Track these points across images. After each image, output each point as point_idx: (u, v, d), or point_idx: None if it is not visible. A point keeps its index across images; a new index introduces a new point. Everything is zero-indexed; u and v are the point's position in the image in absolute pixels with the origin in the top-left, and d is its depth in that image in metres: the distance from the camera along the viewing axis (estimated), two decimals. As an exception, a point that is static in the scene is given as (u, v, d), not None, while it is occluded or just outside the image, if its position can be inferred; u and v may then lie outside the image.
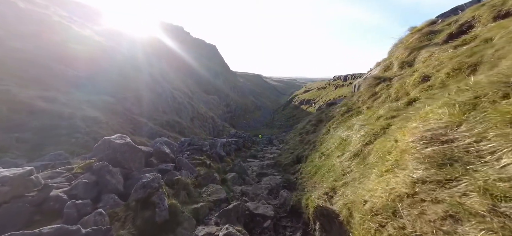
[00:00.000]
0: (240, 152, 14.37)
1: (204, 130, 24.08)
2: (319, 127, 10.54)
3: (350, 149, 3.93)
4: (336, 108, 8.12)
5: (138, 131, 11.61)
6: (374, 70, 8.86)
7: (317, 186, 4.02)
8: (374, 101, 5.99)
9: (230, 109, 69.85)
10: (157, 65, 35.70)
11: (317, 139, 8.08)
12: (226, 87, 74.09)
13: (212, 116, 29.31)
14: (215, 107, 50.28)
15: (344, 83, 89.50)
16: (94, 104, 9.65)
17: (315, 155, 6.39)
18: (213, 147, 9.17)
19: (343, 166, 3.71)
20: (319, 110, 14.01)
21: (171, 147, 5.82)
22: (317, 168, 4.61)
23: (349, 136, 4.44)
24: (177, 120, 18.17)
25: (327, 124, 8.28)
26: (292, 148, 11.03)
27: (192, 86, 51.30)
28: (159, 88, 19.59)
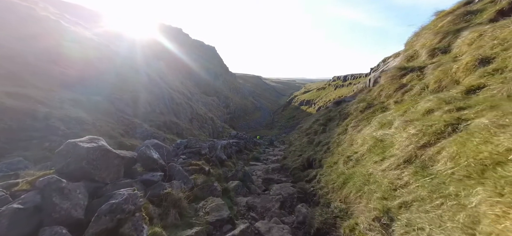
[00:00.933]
0: (242, 154, 13.32)
1: (203, 131, 23.01)
2: (330, 126, 9.52)
3: (396, 153, 2.89)
4: (352, 105, 7.10)
5: (131, 133, 10.56)
6: (392, 62, 7.86)
7: (352, 202, 2.98)
8: (403, 94, 4.97)
9: (230, 110, 68.83)
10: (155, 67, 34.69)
11: (331, 140, 7.05)
12: (226, 89, 73.11)
13: (211, 117, 28.25)
14: (215, 108, 49.25)
15: (344, 84, 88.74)
16: (80, 103, 8.61)
17: (334, 159, 5.36)
18: (213, 150, 8.12)
19: (390, 177, 2.67)
20: (326, 109, 12.99)
21: (161, 150, 4.77)
22: (345, 177, 3.57)
23: (387, 135, 3.41)
24: (175, 121, 17.10)
25: (341, 122, 7.26)
26: (299, 149, 9.99)
27: (191, 87, 50.28)
28: (156, 89, 18.54)
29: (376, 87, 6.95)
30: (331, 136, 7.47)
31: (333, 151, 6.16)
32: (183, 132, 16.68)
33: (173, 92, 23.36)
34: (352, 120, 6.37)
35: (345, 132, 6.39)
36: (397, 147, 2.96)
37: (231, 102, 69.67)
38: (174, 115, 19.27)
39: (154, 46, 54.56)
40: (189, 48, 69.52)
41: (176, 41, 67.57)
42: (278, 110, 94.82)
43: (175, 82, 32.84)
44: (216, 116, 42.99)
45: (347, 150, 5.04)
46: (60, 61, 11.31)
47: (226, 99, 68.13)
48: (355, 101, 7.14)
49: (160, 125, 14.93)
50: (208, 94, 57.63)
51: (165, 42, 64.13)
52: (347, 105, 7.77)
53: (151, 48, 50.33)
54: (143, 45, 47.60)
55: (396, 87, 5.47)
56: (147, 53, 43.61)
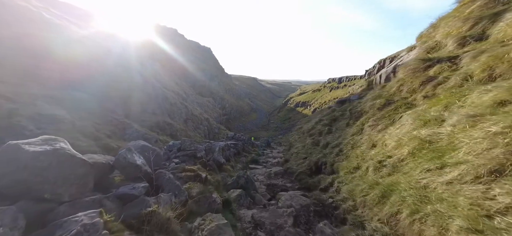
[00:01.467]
0: (240, 156, 12.41)
1: (198, 132, 21.96)
2: (336, 126, 8.76)
3: (467, 159, 2.09)
4: (366, 103, 6.34)
5: (120, 134, 9.50)
6: (406, 56, 7.16)
7: (405, 229, 2.14)
8: (435, 87, 4.21)
9: (226, 111, 67.75)
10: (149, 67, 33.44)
11: (343, 141, 6.25)
12: (222, 90, 72.06)
13: (207, 118, 27.21)
14: (210, 109, 48.12)
15: (339, 86, 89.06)
16: (60, 101, 7.53)
17: (352, 163, 4.56)
18: (210, 152, 7.20)
19: (468, 194, 1.86)
20: (329, 109, 12.26)
21: (147, 154, 3.85)
22: (382, 189, 2.75)
23: (439, 135, 2.61)
24: (169, 122, 16.03)
25: (354, 122, 6.49)
26: (303, 152, 9.18)
27: (187, 88, 49.04)
28: (149, 89, 17.42)
29: (392, 83, 6.21)
30: (342, 136, 6.68)
31: (348, 154, 5.36)
32: (177, 133, 15.62)
33: (168, 92, 22.24)
34: (369, 118, 5.59)
35: (360, 132, 5.60)
36: (466, 151, 2.15)
37: (227, 103, 68.67)
38: (168, 116, 18.18)
39: (149, 46, 53.20)
40: (185, 49, 68.25)
41: (171, 42, 66.24)
42: (274, 112, 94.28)
43: (170, 83, 31.68)
44: (212, 118, 41.92)
45: (370, 153, 4.25)
46: (39, 55, 10.16)
47: (222, 100, 67.07)
48: (369, 98, 6.37)
49: (153, 125, 13.85)
50: (203, 95, 56.47)
51: (160, 42, 62.73)
52: (358, 103, 7.01)
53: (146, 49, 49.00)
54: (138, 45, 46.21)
55: (422, 80, 4.72)
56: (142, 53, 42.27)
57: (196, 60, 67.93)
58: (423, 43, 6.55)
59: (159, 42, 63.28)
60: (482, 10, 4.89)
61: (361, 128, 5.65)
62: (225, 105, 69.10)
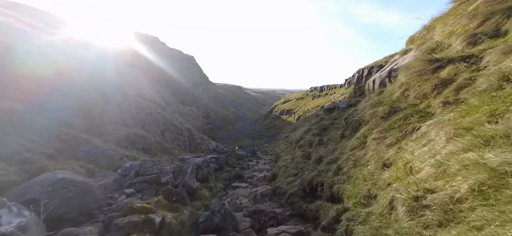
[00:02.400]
0: (222, 172, 10.96)
1: (177, 144, 20.03)
2: (328, 136, 7.82)
3: None
4: (365, 110, 5.43)
5: (69, 153, 7.61)
6: (401, 60, 6.49)
7: None
8: (457, 91, 3.35)
9: (210, 120, 65.46)
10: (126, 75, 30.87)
11: (341, 156, 5.23)
12: (206, 98, 69.93)
13: (188, 128, 25.28)
14: (193, 118, 45.83)
15: (320, 94, 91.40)
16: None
17: (361, 190, 3.50)
18: (180, 175, 5.76)
19: None
20: (318, 117, 11.42)
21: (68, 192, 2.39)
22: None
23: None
24: (142, 134, 14.09)
25: (353, 133, 5.53)
26: (293, 166, 8.05)
27: (168, 97, 46.45)
28: (119, 98, 15.38)
29: (391, 88, 5.39)
30: (339, 150, 5.68)
31: (350, 174, 4.31)
32: (151, 147, 13.73)
33: (144, 101, 20.16)
34: (371, 129, 4.64)
35: (363, 146, 4.61)
36: None
37: (211, 112, 66.52)
38: (142, 127, 16.17)
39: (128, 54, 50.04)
40: (167, 57, 65.55)
41: (152, 50, 63.28)
42: (260, 120, 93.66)
43: (149, 91, 29.35)
44: (195, 127, 39.74)
45: (383, 176, 3.21)
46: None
47: (206, 109, 64.84)
48: (367, 106, 5.48)
49: (121, 139, 11.90)
50: (186, 104, 53.98)
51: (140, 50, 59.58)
52: (353, 111, 6.11)
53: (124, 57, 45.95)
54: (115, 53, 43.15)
55: (435, 84, 3.87)
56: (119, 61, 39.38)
57: (178, 68, 65.42)
58: (419, 45, 5.90)
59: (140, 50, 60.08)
60: (490, 6, 4.26)
61: (363, 140, 4.66)
62: (209, 113, 66.90)
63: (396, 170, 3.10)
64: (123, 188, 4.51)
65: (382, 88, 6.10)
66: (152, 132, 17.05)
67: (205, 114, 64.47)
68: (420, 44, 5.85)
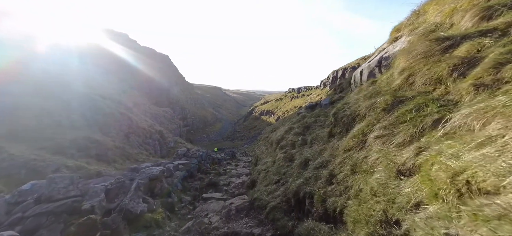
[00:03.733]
0: (193, 180, 9.36)
1: (145, 148, 17.63)
2: (313, 135, 6.84)
3: None
4: (358, 103, 4.48)
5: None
6: (392, 48, 5.78)
7: None
8: (495, 70, 2.48)
9: (187, 122, 61.95)
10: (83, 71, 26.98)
11: (334, 159, 4.20)
12: (182, 99, 66.09)
13: (159, 131, 22.77)
14: (168, 120, 42.53)
15: (298, 95, 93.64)
16: None
17: (374, 209, 2.42)
18: (120, 194, 4.15)
19: None
20: (299, 115, 10.51)
21: None
22: None
23: None
24: (96, 139, 11.69)
25: (346, 131, 4.55)
26: (274, 171, 6.89)
27: (138, 97, 42.41)
28: (67, 95, 12.66)
29: (388, 76, 4.54)
30: (329, 151, 4.65)
31: (350, 184, 3.27)
32: (107, 153, 11.44)
33: (103, 100, 17.32)
34: (371, 125, 3.67)
35: (362, 146, 3.61)
36: None
37: (188, 113, 63.05)
38: (99, 129, 13.62)
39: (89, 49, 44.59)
40: (138, 55, 60.27)
41: (121, 47, 57.63)
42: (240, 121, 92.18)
43: (111, 91, 25.94)
44: (169, 130, 36.71)
45: (405, 190, 2.17)
46: None
47: (182, 110, 61.19)
48: (361, 97, 4.56)
49: (63, 145, 9.51)
50: (160, 105, 50.07)
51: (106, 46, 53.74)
52: (344, 105, 5.16)
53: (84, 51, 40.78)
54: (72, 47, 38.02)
55: (453, 64, 3.02)
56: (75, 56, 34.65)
57: (151, 67, 60.62)
58: (412, 30, 5.20)
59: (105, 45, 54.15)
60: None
61: (362, 139, 3.66)
62: (186, 115, 63.32)
63: (427, 182, 2.07)
64: (2, 226, 2.77)
65: (373, 79, 5.28)
66: (112, 135, 14.55)
67: (181, 116, 60.81)
68: (413, 29, 5.15)
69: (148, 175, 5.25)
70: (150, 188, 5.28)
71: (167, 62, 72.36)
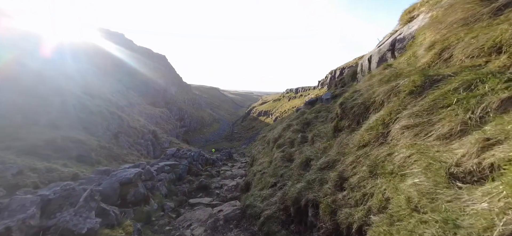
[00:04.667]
0: (182, 183, 8.41)
1: (137, 149, 16.61)
2: (313, 132, 5.96)
3: None
4: (374, 88, 3.59)
5: None
6: (406, 29, 4.93)
7: None
8: None
9: (184, 123, 60.83)
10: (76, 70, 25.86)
11: (343, 158, 3.33)
12: (179, 100, 64.99)
13: (153, 131, 21.73)
14: (164, 121, 41.41)
15: (296, 95, 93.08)
16: None
17: (419, 232, 1.50)
18: (64, 206, 3.22)
19: None
20: (298, 112, 9.64)
21: None
22: None
23: None
24: (78, 138, 10.67)
25: (357, 124, 3.68)
26: (270, 172, 5.98)
27: (134, 97, 41.25)
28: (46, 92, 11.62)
29: (410, 54, 3.68)
30: (336, 149, 3.77)
31: (369, 191, 2.38)
32: (91, 154, 10.43)
33: (91, 99, 16.27)
34: (393, 113, 2.79)
35: (383, 140, 2.74)
36: None
37: (185, 114, 61.96)
38: (84, 129, 12.59)
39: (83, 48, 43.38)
40: (134, 55, 59.06)
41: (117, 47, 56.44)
42: (238, 122, 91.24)
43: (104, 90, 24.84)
44: (164, 130, 35.63)
45: (480, 206, 1.26)
46: None
47: (179, 111, 60.09)
48: (375, 82, 3.68)
49: (38, 145, 8.50)
50: (156, 106, 48.94)
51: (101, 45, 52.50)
52: (353, 93, 4.26)
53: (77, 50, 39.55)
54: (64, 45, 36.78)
55: None
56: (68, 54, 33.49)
57: (148, 67, 59.44)
58: (434, 4, 4.33)
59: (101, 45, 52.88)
60: None
61: (382, 132, 2.79)
62: (183, 116, 62.20)
63: None
64: None
65: (387, 63, 4.42)
66: (99, 135, 13.52)
67: (178, 116, 59.70)
68: (435, 3, 4.28)
69: (119, 179, 4.33)
70: (122, 195, 4.36)
71: (164, 62, 71.22)
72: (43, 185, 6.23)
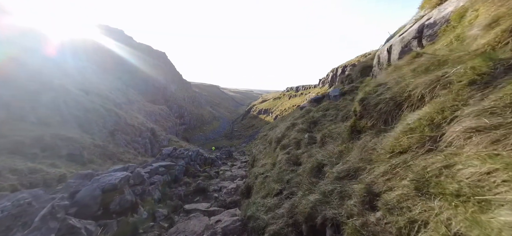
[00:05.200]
0: (178, 185, 7.73)
1: (134, 147, 15.93)
2: (322, 132, 5.27)
3: None
4: (406, 80, 2.88)
5: None
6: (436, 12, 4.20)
7: None
8: None
9: (184, 121, 60.20)
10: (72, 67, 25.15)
11: (372, 168, 2.60)
12: (179, 97, 64.28)
13: (151, 129, 21.04)
14: (163, 118, 40.74)
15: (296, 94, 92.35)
16: None
17: None
18: (18, 226, 2.53)
19: None
20: (303, 110, 8.93)
21: None
22: None
23: None
24: (69, 136, 9.98)
25: (385, 124, 2.98)
26: (275, 177, 5.29)
27: (134, 95, 40.56)
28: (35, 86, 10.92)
29: (452, 39, 2.96)
30: (358, 153, 3.07)
31: (417, 216, 1.64)
32: (83, 153, 9.74)
33: (86, 95, 15.55)
34: (446, 111, 2.09)
35: (433, 147, 2.03)
36: None
37: (185, 111, 61.31)
38: (78, 126, 11.90)
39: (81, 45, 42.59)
40: (134, 52, 58.19)
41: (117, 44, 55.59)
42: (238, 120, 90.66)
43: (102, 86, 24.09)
44: (164, 128, 34.96)
45: None
46: None
47: (179, 108, 59.46)
48: (407, 72, 2.98)
49: (23, 144, 7.82)
50: (156, 103, 48.26)
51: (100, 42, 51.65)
52: (376, 87, 3.54)
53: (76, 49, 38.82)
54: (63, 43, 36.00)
55: None
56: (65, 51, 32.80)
57: (147, 64, 58.65)
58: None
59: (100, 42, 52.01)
60: None
61: (430, 135, 2.09)
62: (183, 113, 61.57)
63: None
64: None
65: (417, 52, 3.72)
66: (94, 133, 12.82)
67: (178, 114, 59.07)
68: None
69: (101, 185, 3.65)
70: (104, 204, 3.69)
71: (164, 59, 70.38)
72: (23, 187, 5.57)
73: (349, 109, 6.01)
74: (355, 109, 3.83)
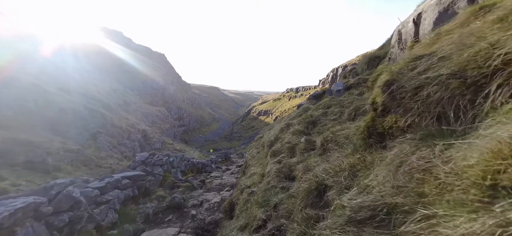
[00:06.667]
0: (149, 200, 6.33)
1: (120, 151, 14.56)
2: (322, 134, 3.84)
3: None
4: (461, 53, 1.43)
5: None
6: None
7: None
8: None
9: (183, 122, 58.90)
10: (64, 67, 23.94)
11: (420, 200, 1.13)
12: (178, 99, 63.03)
13: (143, 130, 19.69)
14: (161, 120, 39.45)
15: (296, 95, 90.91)
16: None
17: None
18: None
19: None
20: (301, 109, 7.51)
21: None
22: None
23: None
24: (30, 140, 8.63)
25: (442, 124, 1.49)
26: (260, 196, 3.84)
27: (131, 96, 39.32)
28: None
29: None
30: (388, 173, 1.64)
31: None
32: (47, 159, 8.37)
33: (67, 95, 14.26)
34: None
35: None
36: None
37: (184, 113, 60.01)
38: (50, 128, 10.58)
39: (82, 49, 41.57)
40: (132, 53, 57.15)
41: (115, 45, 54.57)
42: (237, 121, 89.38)
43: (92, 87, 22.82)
44: (161, 130, 33.62)
45: None
46: None
47: (178, 110, 58.17)
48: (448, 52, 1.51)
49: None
50: (154, 105, 47.00)
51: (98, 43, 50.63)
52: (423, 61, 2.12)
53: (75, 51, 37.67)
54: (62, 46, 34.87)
55: None
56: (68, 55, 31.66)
57: (146, 66, 57.54)
58: None
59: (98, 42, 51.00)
60: None
61: None
62: (182, 115, 60.28)
63: None
64: None
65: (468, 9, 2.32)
66: (70, 136, 11.48)
67: (177, 115, 57.76)
68: None
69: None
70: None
71: (163, 60, 69.33)
72: None
73: (357, 105, 4.61)
74: (375, 100, 2.41)
